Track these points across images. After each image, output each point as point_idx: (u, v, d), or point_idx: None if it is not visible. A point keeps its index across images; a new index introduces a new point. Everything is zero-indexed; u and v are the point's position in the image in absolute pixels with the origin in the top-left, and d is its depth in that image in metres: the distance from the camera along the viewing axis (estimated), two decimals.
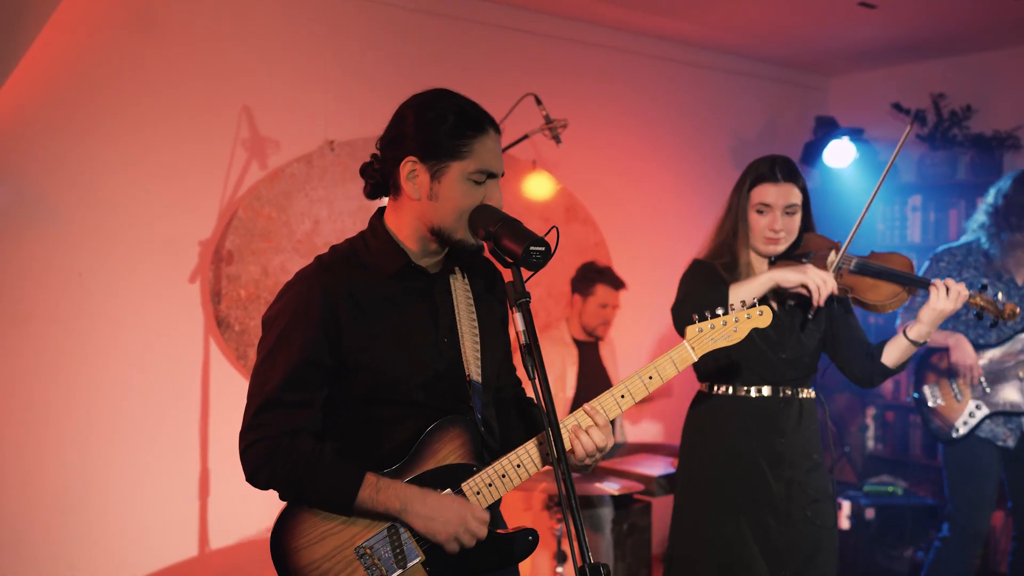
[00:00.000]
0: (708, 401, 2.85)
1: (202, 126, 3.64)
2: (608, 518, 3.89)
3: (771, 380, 2.78)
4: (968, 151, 5.22)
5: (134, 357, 3.51)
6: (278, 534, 1.80)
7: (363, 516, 1.78)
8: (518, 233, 1.69)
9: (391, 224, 1.87)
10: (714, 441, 2.81)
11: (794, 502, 2.75)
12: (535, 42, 4.69)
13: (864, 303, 2.76)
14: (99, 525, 3.43)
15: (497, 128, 1.84)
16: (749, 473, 2.75)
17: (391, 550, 1.78)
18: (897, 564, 4.60)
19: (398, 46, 4.18)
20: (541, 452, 1.85)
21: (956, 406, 3.62)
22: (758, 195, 2.70)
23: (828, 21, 4.88)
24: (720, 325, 1.96)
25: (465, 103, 1.82)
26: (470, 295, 1.94)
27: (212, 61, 3.66)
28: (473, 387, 1.87)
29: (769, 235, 2.70)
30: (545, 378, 1.62)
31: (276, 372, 1.76)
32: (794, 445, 2.78)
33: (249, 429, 1.78)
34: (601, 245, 4.92)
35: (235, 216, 3.66)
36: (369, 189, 1.90)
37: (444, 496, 1.78)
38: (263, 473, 1.76)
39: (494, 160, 1.81)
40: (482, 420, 1.89)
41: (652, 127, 5.24)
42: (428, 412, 1.83)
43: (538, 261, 1.67)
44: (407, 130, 1.80)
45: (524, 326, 1.65)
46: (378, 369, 1.79)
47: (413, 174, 1.79)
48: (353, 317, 1.78)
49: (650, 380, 1.89)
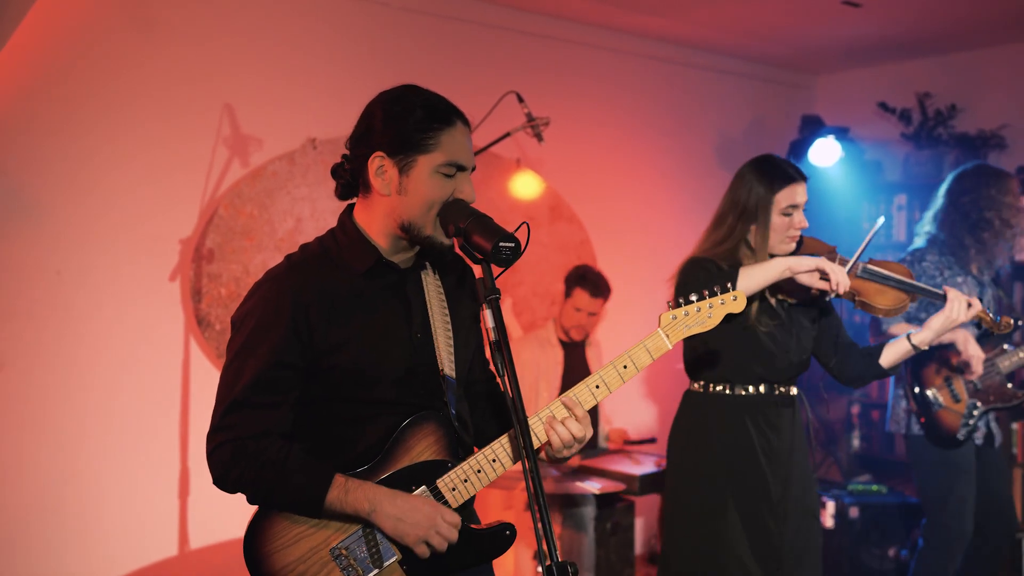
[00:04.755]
0: (703, 399, 2.83)
1: (183, 124, 3.62)
2: (591, 517, 3.88)
3: (769, 379, 2.79)
4: (953, 150, 5.22)
5: (113, 356, 3.48)
6: (251, 538, 1.78)
7: (333, 518, 1.76)
8: (488, 229, 1.68)
9: (361, 221, 1.86)
10: (712, 439, 2.80)
11: (790, 499, 2.77)
12: (521, 40, 4.68)
13: (872, 307, 2.75)
14: (78, 524, 3.40)
15: (466, 121, 1.82)
16: (748, 471, 2.75)
17: (367, 550, 1.76)
18: (881, 563, 4.60)
19: (381, 43, 4.17)
20: (515, 446, 1.83)
21: (956, 407, 3.61)
22: (788, 197, 2.68)
23: (814, 20, 4.88)
24: (694, 311, 1.93)
25: (432, 97, 1.81)
26: (442, 290, 1.93)
27: (194, 58, 3.64)
28: (447, 383, 1.85)
29: (792, 234, 2.71)
30: (514, 374, 1.60)
31: (245, 373, 1.73)
32: (789, 442, 2.81)
33: (217, 431, 1.75)
34: (586, 243, 4.91)
35: (216, 214, 3.64)
36: (340, 190, 1.89)
37: (414, 497, 1.76)
38: (231, 475, 1.74)
39: (463, 153, 1.79)
40: (456, 416, 1.87)
41: (638, 126, 5.23)
42: (402, 409, 1.81)
43: (508, 257, 1.66)
44: (375, 126, 1.79)
45: (494, 322, 1.64)
46: (350, 368, 1.77)
47: (381, 169, 1.78)
48: (324, 316, 1.76)
49: (624, 369, 1.87)
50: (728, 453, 2.77)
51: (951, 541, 3.64)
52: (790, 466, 2.79)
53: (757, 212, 2.70)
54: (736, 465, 2.76)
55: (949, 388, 3.62)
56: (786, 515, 2.76)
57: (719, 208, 2.82)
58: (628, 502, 4.13)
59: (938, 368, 3.66)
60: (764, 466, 2.75)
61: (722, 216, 2.79)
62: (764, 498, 2.74)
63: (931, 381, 3.65)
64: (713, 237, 2.79)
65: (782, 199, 2.69)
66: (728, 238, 2.75)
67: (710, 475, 2.78)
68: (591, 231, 4.93)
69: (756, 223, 2.71)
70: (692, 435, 2.86)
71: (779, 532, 2.74)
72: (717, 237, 2.78)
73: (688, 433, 2.87)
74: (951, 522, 3.62)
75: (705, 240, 2.82)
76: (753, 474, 2.75)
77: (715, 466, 2.78)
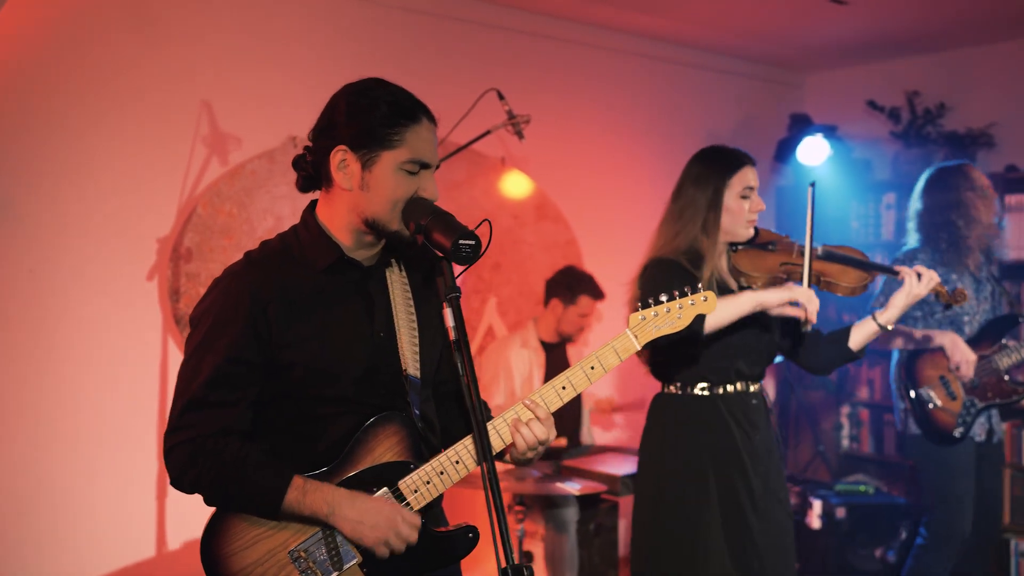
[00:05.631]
0: (683, 401, 2.79)
1: (161, 122, 3.59)
2: (573, 518, 3.85)
3: (746, 375, 2.77)
4: (942, 148, 5.19)
5: (90, 355, 3.45)
6: (208, 540, 1.75)
7: (292, 520, 1.72)
8: (449, 227, 1.65)
9: (323, 217, 1.82)
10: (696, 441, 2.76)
11: (767, 496, 2.76)
12: (506, 37, 4.65)
13: (837, 286, 2.75)
14: (55, 525, 3.37)
15: (432, 118, 1.79)
16: (734, 471, 2.72)
17: (326, 552, 1.73)
18: (868, 563, 4.58)
19: (362, 40, 4.14)
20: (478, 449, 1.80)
21: (952, 405, 3.59)
22: (742, 180, 2.70)
23: (801, 18, 4.85)
24: (663, 312, 1.89)
25: (399, 92, 1.78)
26: (408, 288, 1.89)
27: (171, 56, 3.61)
28: (410, 382, 1.82)
29: (751, 217, 2.72)
30: (473, 375, 1.57)
31: (202, 371, 1.70)
32: (766, 439, 2.80)
33: (174, 430, 1.72)
34: (572, 243, 4.89)
35: (194, 213, 3.61)
36: (301, 182, 1.85)
37: (374, 499, 1.73)
38: (188, 476, 1.71)
39: (428, 150, 1.76)
40: (420, 416, 1.84)
41: (625, 124, 5.20)
42: (364, 409, 1.77)
43: (468, 255, 1.63)
44: (338, 119, 1.76)
45: (454, 321, 1.61)
46: (310, 366, 1.74)
47: (344, 164, 1.74)
48: (283, 314, 1.73)
49: (592, 370, 1.84)
50: (713, 454, 2.73)
51: (949, 539, 3.64)
52: (767, 462, 2.78)
53: (714, 200, 2.69)
54: (721, 466, 2.73)
55: (945, 386, 3.60)
56: (765, 509, 2.74)
57: (670, 204, 2.80)
58: (612, 503, 4.10)
59: (934, 366, 3.64)
60: (746, 463, 2.73)
61: (676, 210, 2.76)
62: (748, 497, 2.72)
63: (926, 379, 3.63)
64: (670, 232, 2.76)
65: (736, 182, 2.70)
66: (683, 231, 2.72)
67: (695, 477, 2.74)
68: (577, 230, 4.90)
69: (713, 210, 2.69)
70: (672, 437, 2.80)
71: (760, 530, 2.72)
72: (674, 231, 2.74)
73: (667, 436, 2.81)
74: (950, 520, 3.62)
75: (660, 236, 2.79)
76: (736, 472, 2.72)
77: (700, 468, 2.73)
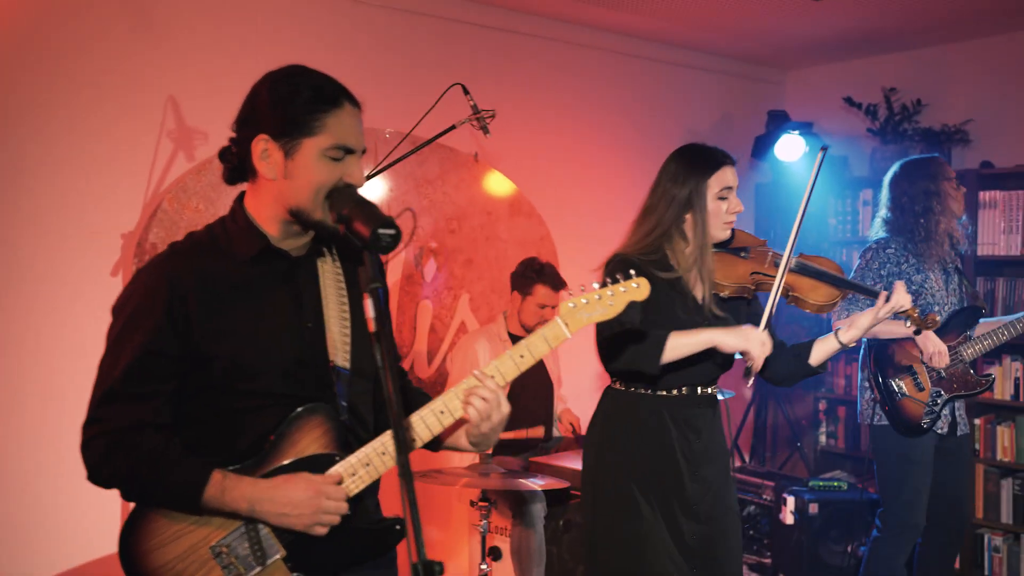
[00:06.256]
0: (624, 397, 2.76)
1: (126, 117, 3.58)
2: (540, 514, 3.85)
3: (693, 380, 2.72)
4: (918, 145, 5.20)
5: (53, 352, 3.45)
6: (127, 536, 1.73)
7: (214, 515, 1.71)
8: (370, 215, 1.62)
9: (250, 208, 1.81)
10: (631, 438, 2.73)
11: (708, 501, 2.72)
12: (487, 35, 4.64)
13: (805, 303, 2.72)
14: (17, 521, 3.37)
15: (355, 103, 1.77)
16: (666, 471, 2.69)
17: (249, 547, 1.72)
18: (840, 559, 4.58)
19: (329, 35, 4.13)
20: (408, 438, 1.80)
21: (920, 396, 3.59)
22: (721, 180, 2.64)
23: (780, 15, 4.85)
24: (594, 299, 1.87)
25: (321, 78, 1.77)
26: (341, 278, 1.87)
27: (136, 49, 3.60)
28: (339, 373, 1.80)
29: (729, 219, 2.67)
30: (394, 368, 1.56)
31: (119, 364, 1.69)
32: (710, 443, 2.75)
33: (90, 423, 1.71)
34: (546, 239, 4.88)
35: (160, 208, 3.61)
36: (227, 174, 1.83)
37: (292, 486, 1.70)
38: (104, 470, 1.70)
39: (351, 135, 1.74)
40: (349, 408, 1.82)
41: (602, 121, 5.20)
42: (290, 402, 1.75)
43: (388, 244, 1.60)
44: (260, 107, 1.74)
45: (375, 313, 1.59)
46: (233, 358, 1.72)
47: (266, 153, 1.73)
48: (204, 305, 1.72)
49: (521, 359, 1.82)
50: (647, 453, 2.70)
51: (903, 532, 3.66)
52: (709, 467, 2.73)
53: (692, 199, 2.64)
54: (654, 465, 2.69)
55: (913, 377, 3.60)
56: (704, 516, 2.70)
57: (646, 201, 2.74)
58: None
59: (902, 357, 3.64)
60: (682, 467, 2.68)
61: (651, 208, 2.71)
62: (679, 499, 2.68)
63: (894, 370, 3.63)
64: (642, 229, 2.71)
65: (715, 182, 2.64)
66: (657, 228, 2.67)
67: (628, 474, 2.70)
68: (552, 226, 4.90)
69: (692, 211, 2.64)
70: (611, 433, 2.77)
71: (693, 533, 2.68)
72: (646, 229, 2.69)
73: (607, 431, 2.79)
74: (904, 513, 3.63)
75: (633, 232, 2.74)
76: (670, 475, 2.68)
77: (633, 465, 2.70)
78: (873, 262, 3.63)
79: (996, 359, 4.83)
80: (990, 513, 4.81)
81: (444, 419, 1.82)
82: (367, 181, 3.63)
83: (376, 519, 1.83)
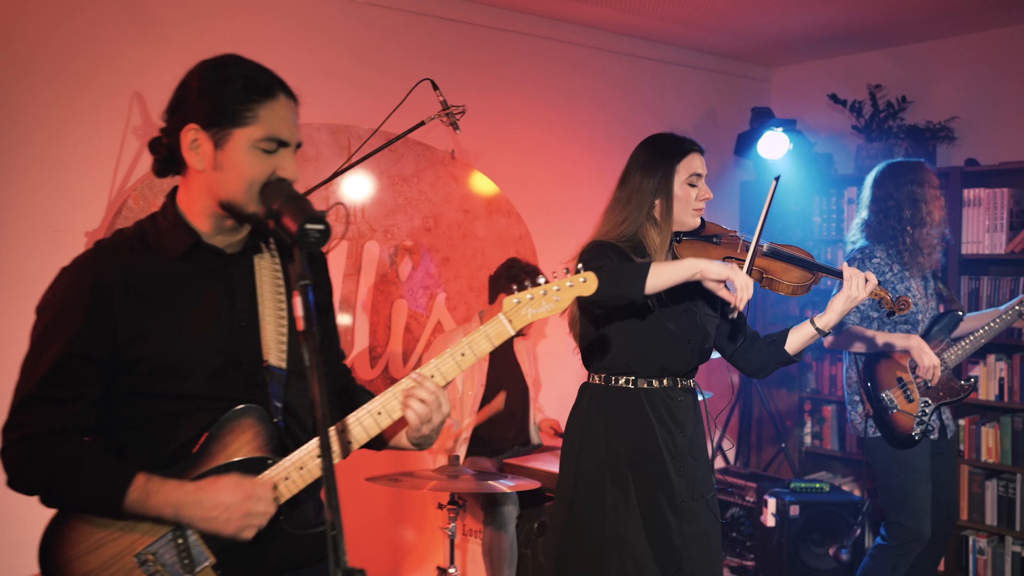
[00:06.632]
0: (605, 393, 2.72)
1: (91, 113, 3.52)
2: (512, 515, 3.79)
3: (672, 370, 2.70)
4: (903, 142, 5.14)
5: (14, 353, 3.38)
6: (48, 544, 1.67)
7: (140, 520, 1.64)
8: (299, 210, 1.57)
9: (181, 202, 1.75)
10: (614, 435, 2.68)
11: (693, 497, 2.68)
12: (467, 31, 4.59)
13: (779, 284, 2.71)
14: None
15: (291, 95, 1.71)
16: (653, 468, 2.65)
17: (176, 555, 1.65)
18: (821, 561, 4.52)
19: (295, 29, 4.06)
20: (342, 441, 1.74)
21: (910, 408, 3.54)
22: (689, 166, 2.66)
23: (764, 10, 4.79)
24: (540, 295, 1.80)
25: (255, 68, 1.71)
26: (280, 275, 1.81)
27: (101, 44, 3.54)
28: (273, 373, 1.74)
29: (698, 206, 2.68)
30: (321, 368, 1.50)
31: (39, 367, 1.63)
32: (693, 438, 2.73)
33: (9, 428, 1.65)
34: (526, 238, 4.82)
35: (125, 206, 3.55)
36: (157, 166, 1.76)
37: (219, 489, 1.63)
38: (22, 476, 1.63)
39: (284, 128, 1.68)
40: (285, 409, 1.76)
41: (583, 118, 5.14)
42: (222, 404, 1.69)
43: (316, 240, 1.54)
44: (190, 96, 1.68)
45: (303, 311, 1.53)
46: (161, 359, 1.66)
47: (195, 143, 1.67)
48: (130, 305, 1.65)
49: (463, 357, 1.77)
50: (632, 450, 2.66)
51: (909, 541, 3.59)
52: (691, 460, 2.71)
53: (660, 185, 2.65)
54: (640, 462, 2.66)
55: (903, 389, 3.55)
56: (688, 510, 2.67)
57: (616, 190, 2.74)
58: None
59: (891, 369, 3.58)
60: (668, 463, 2.66)
61: (621, 197, 2.71)
62: (667, 496, 2.65)
63: (885, 383, 3.57)
64: (613, 219, 2.70)
65: (683, 169, 2.66)
66: (628, 217, 2.67)
67: (612, 472, 2.67)
68: (531, 225, 4.84)
69: (660, 196, 2.66)
70: (592, 429, 2.73)
71: (680, 531, 2.65)
72: (617, 219, 2.69)
73: (587, 427, 2.75)
74: (910, 522, 3.56)
75: (604, 223, 2.73)
76: (657, 471, 2.65)
77: (618, 463, 2.67)
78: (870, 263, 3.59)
79: (981, 359, 4.78)
80: (974, 514, 4.75)
81: (382, 420, 1.77)
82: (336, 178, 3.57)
83: (312, 525, 1.77)
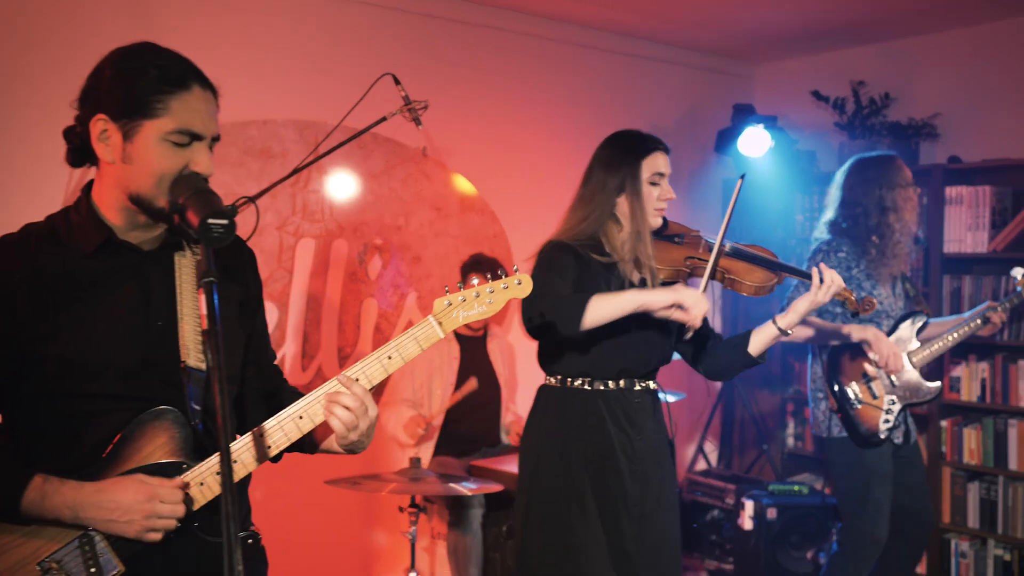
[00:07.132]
0: (561, 394, 2.68)
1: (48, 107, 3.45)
2: (477, 518, 3.72)
3: (631, 372, 2.65)
4: (886, 139, 5.07)
5: None
6: None
7: (45, 525, 1.57)
8: (203, 204, 1.51)
9: (95, 195, 1.68)
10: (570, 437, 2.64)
11: (648, 500, 2.64)
12: (439, 25, 4.52)
13: (742, 284, 2.66)
14: None
15: (208, 86, 1.65)
16: (607, 470, 2.60)
17: (83, 563, 1.58)
18: (798, 564, 4.45)
19: (269, 26, 4.00)
20: (259, 447, 1.67)
21: (875, 403, 3.47)
22: (652, 165, 2.64)
23: (748, 6, 4.72)
24: (472, 296, 1.76)
25: (171, 57, 1.64)
26: None
27: (58, 37, 3.48)
28: (190, 374, 1.67)
29: (660, 206, 2.65)
30: (222, 368, 1.43)
31: None
32: (650, 440, 2.68)
33: None
34: (500, 236, 4.75)
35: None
36: (70, 155, 1.69)
37: (121, 489, 1.56)
38: None
39: (198, 120, 1.62)
40: (203, 411, 1.68)
41: (559, 114, 5.06)
42: (135, 405, 1.62)
43: (220, 236, 1.48)
44: (101, 84, 1.62)
45: (207, 309, 1.46)
46: (70, 359, 1.59)
47: (105, 134, 1.60)
48: (34, 303, 1.59)
49: (389, 360, 1.72)
50: (587, 451, 2.62)
51: (868, 546, 3.51)
52: (649, 464, 2.65)
53: (624, 182, 2.62)
54: (595, 464, 2.61)
55: (867, 383, 3.48)
56: (643, 515, 2.62)
57: (581, 187, 2.72)
58: None
59: (854, 364, 3.52)
60: (623, 465, 2.61)
61: (584, 195, 2.69)
62: (621, 498, 2.60)
63: (849, 377, 3.50)
64: (576, 216, 2.68)
65: (646, 167, 2.63)
66: (590, 216, 2.65)
67: (567, 474, 2.62)
68: (506, 223, 4.77)
69: (624, 193, 2.63)
70: (549, 432, 2.69)
71: (633, 534, 2.60)
72: (580, 215, 2.67)
73: (544, 430, 2.70)
74: (867, 527, 3.48)
75: (568, 219, 2.70)
76: (611, 473, 2.61)
77: (572, 465, 2.62)
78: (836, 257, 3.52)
79: (963, 360, 4.70)
80: (957, 517, 4.68)
81: (303, 425, 1.70)
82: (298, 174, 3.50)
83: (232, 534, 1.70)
